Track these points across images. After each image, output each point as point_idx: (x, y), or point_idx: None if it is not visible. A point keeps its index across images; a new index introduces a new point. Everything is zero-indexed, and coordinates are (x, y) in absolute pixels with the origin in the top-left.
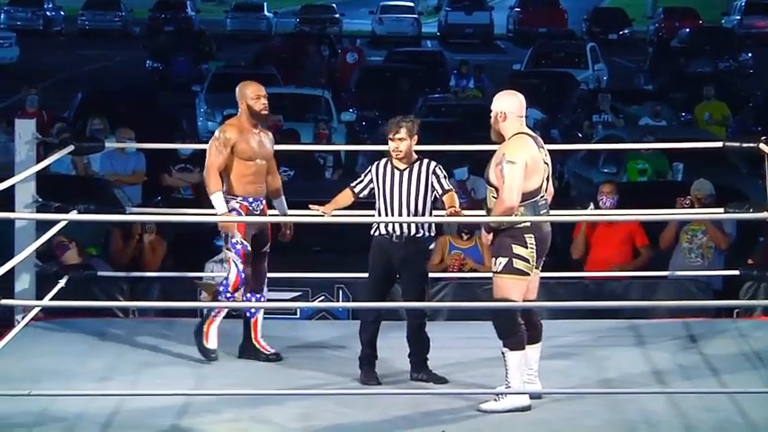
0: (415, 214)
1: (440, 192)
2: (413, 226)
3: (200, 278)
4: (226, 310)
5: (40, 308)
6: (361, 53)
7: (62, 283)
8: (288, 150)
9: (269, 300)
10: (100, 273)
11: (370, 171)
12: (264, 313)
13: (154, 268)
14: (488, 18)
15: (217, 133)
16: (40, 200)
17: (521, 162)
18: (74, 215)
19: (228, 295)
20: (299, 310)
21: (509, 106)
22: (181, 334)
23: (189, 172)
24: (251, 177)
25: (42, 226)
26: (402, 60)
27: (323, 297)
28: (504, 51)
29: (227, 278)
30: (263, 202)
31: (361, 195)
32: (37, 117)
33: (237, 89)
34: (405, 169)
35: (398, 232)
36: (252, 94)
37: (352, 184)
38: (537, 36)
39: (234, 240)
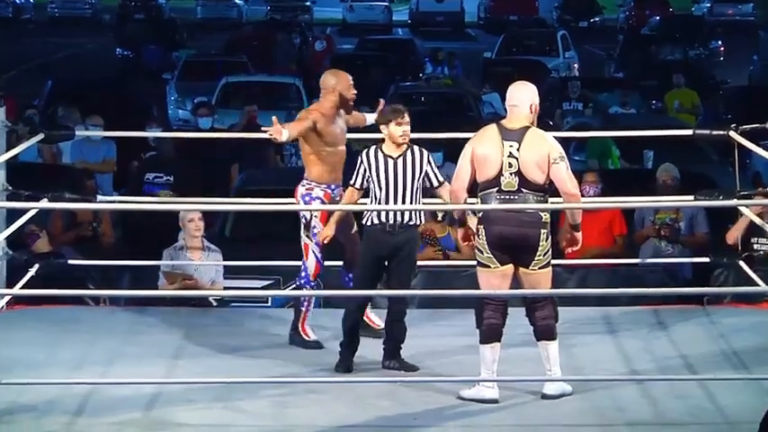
0: (411, 202)
1: (435, 184)
2: (407, 214)
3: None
4: (313, 301)
5: (10, 296)
6: (329, 41)
7: (33, 271)
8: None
9: (239, 288)
10: (70, 261)
11: (361, 161)
12: (236, 302)
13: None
14: (459, 6)
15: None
16: (10, 188)
17: (466, 151)
18: (44, 203)
19: (313, 284)
20: (270, 299)
21: (507, 94)
22: (152, 322)
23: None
24: (335, 164)
25: (12, 215)
26: (373, 48)
27: (295, 285)
28: (475, 39)
29: (305, 267)
30: (341, 188)
31: (362, 188)
32: None
33: (326, 77)
34: (398, 157)
35: (392, 221)
36: (345, 83)
37: (351, 181)
38: (508, 24)
39: (315, 231)
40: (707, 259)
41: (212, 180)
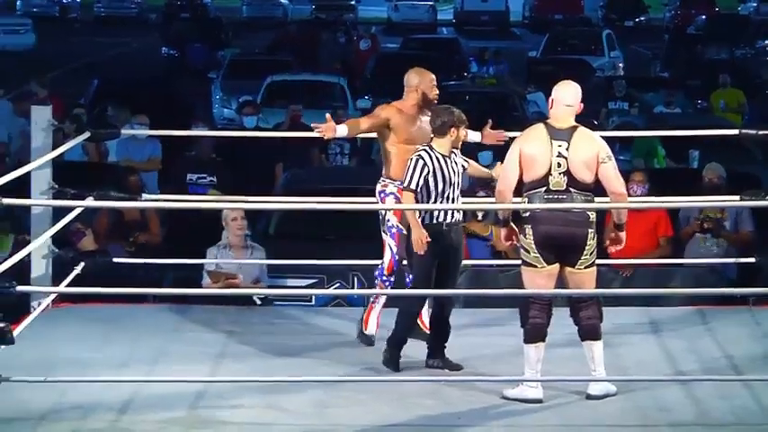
0: (457, 200)
1: (467, 166)
2: (460, 212)
3: (212, 267)
4: (383, 298)
5: (56, 294)
6: (374, 40)
7: (78, 269)
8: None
9: (283, 287)
10: (116, 259)
11: (424, 164)
12: (279, 300)
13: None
14: (504, 4)
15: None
16: (56, 186)
17: (514, 150)
18: (89, 201)
19: (384, 279)
20: (314, 297)
21: (554, 93)
22: (196, 320)
23: None
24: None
25: (58, 213)
26: (417, 47)
27: (338, 284)
28: (520, 38)
29: (382, 262)
30: None
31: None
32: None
33: (410, 75)
34: (449, 156)
35: (449, 219)
36: (428, 82)
37: (410, 186)
38: (553, 23)
39: (390, 224)
40: (752, 259)
41: (256, 179)
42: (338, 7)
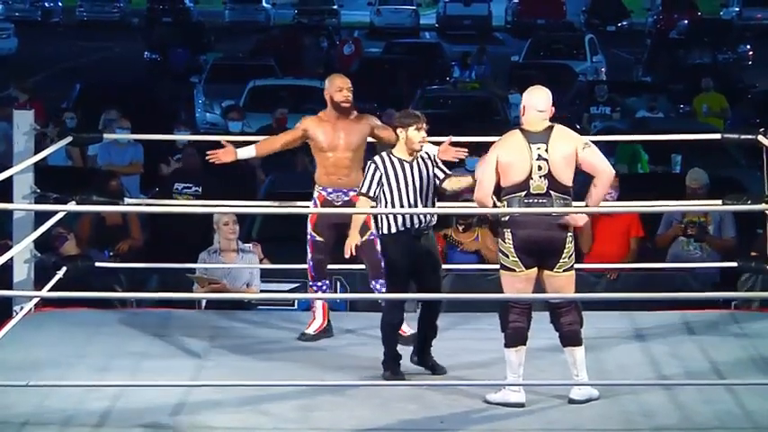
0: (427, 205)
1: (442, 177)
2: (428, 217)
3: (194, 271)
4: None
5: (38, 298)
6: (357, 44)
7: (60, 273)
8: None
9: (267, 291)
10: (98, 264)
11: (377, 168)
12: (262, 304)
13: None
14: (487, 9)
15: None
16: (39, 191)
17: (491, 157)
18: (72, 206)
19: (311, 284)
20: (296, 302)
21: (526, 99)
22: (179, 324)
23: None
24: (329, 168)
25: (40, 217)
26: (400, 52)
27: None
28: (503, 43)
29: None
30: (348, 193)
31: (375, 197)
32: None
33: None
34: (412, 161)
35: (417, 225)
36: (334, 87)
37: (364, 190)
38: (535, 27)
39: (307, 230)
40: (734, 264)
41: (239, 182)
42: (321, 12)
